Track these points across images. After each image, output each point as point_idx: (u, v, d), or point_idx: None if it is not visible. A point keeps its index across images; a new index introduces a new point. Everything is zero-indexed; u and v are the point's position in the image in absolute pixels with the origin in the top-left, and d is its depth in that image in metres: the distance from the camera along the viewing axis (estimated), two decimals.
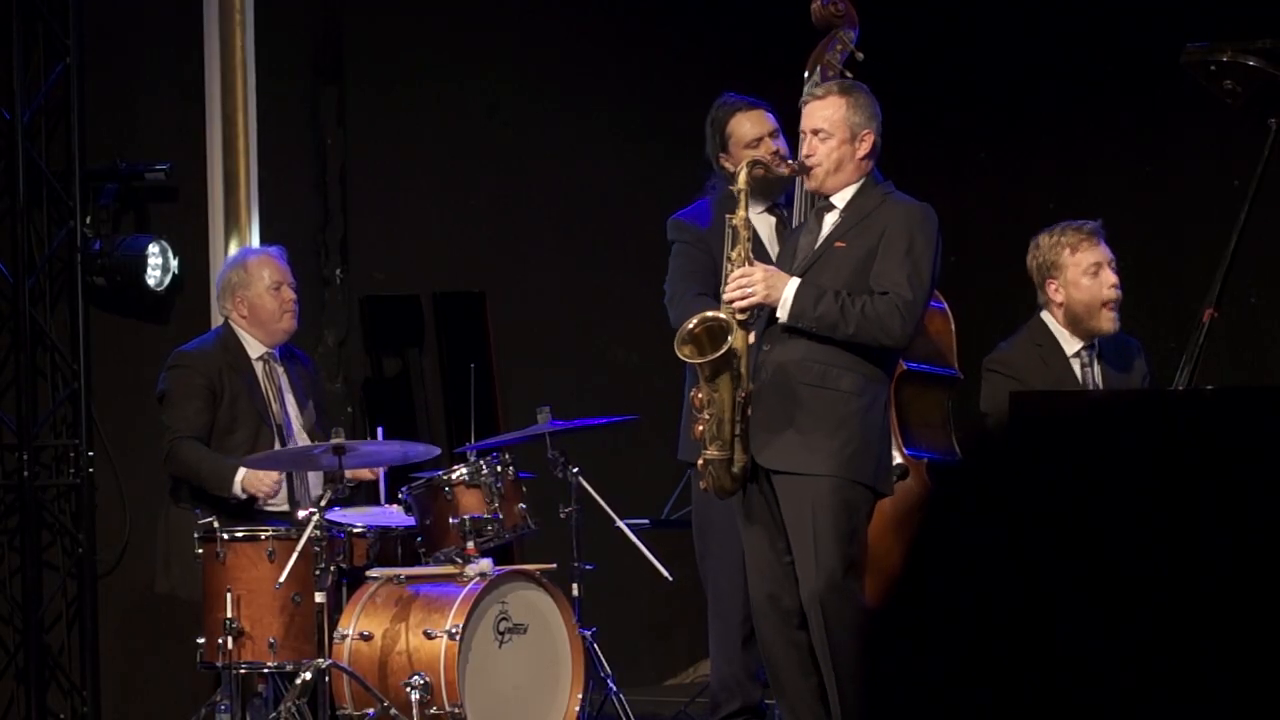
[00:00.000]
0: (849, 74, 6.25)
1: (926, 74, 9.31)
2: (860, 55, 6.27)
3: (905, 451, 6.40)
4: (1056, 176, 9.20)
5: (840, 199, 5.80)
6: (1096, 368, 6.38)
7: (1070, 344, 6.37)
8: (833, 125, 5.75)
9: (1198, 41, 5.63)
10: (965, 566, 1.38)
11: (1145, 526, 1.34)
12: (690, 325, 5.61)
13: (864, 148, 5.77)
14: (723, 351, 5.53)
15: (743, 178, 5.70)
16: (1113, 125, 9.01)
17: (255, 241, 7.75)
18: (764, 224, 6.28)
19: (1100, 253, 6.34)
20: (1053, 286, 6.36)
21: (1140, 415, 1.40)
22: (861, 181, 5.79)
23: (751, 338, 5.68)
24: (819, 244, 5.78)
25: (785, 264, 5.82)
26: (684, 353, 5.59)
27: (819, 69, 6.23)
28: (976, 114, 9.30)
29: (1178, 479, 1.36)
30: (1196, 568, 1.33)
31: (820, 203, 5.84)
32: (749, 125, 6.29)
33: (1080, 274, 6.32)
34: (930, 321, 6.64)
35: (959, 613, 1.38)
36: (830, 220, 5.80)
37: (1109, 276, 6.33)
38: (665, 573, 6.56)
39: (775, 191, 6.29)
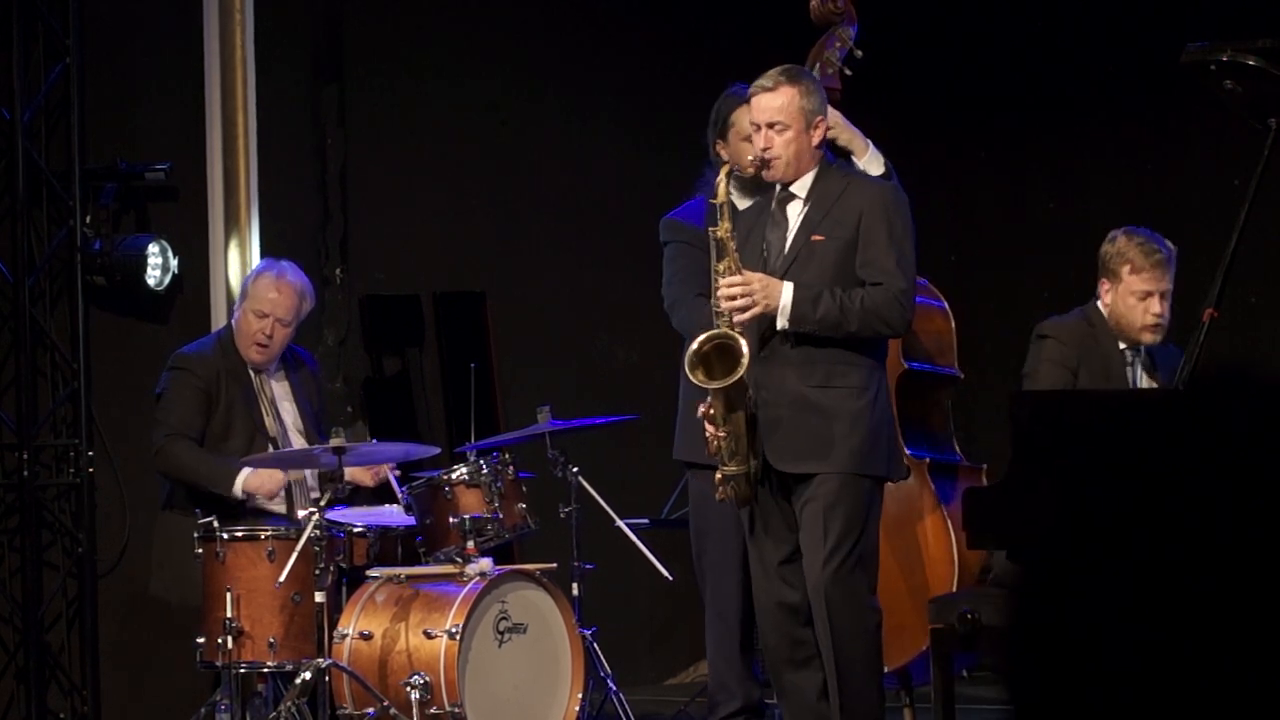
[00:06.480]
0: (848, 71, 6.24)
1: (926, 73, 9.31)
2: (859, 53, 6.24)
3: (907, 451, 6.38)
4: (1056, 176, 9.20)
5: (800, 187, 5.75)
6: (1140, 368, 6.36)
7: (1118, 340, 6.35)
8: (789, 116, 5.70)
9: (1198, 41, 5.63)
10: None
11: (1144, 528, 1.35)
12: (697, 346, 5.57)
13: (818, 134, 5.73)
14: (738, 376, 5.50)
15: (721, 190, 5.63)
16: (1113, 125, 9.01)
17: (255, 241, 7.75)
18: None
19: (1157, 283, 6.25)
20: (1105, 287, 6.34)
21: (1140, 415, 1.40)
22: (818, 167, 5.75)
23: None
24: (792, 238, 5.73)
25: (755, 260, 5.74)
26: (697, 377, 5.54)
27: (818, 66, 6.20)
28: (976, 114, 9.30)
29: (1177, 479, 1.36)
30: (1195, 569, 1.33)
31: (780, 193, 5.80)
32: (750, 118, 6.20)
33: (1129, 293, 6.28)
34: (931, 320, 6.63)
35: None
36: (795, 211, 5.75)
37: (1155, 306, 6.24)
38: (665, 572, 6.56)
39: (767, 185, 6.23)
